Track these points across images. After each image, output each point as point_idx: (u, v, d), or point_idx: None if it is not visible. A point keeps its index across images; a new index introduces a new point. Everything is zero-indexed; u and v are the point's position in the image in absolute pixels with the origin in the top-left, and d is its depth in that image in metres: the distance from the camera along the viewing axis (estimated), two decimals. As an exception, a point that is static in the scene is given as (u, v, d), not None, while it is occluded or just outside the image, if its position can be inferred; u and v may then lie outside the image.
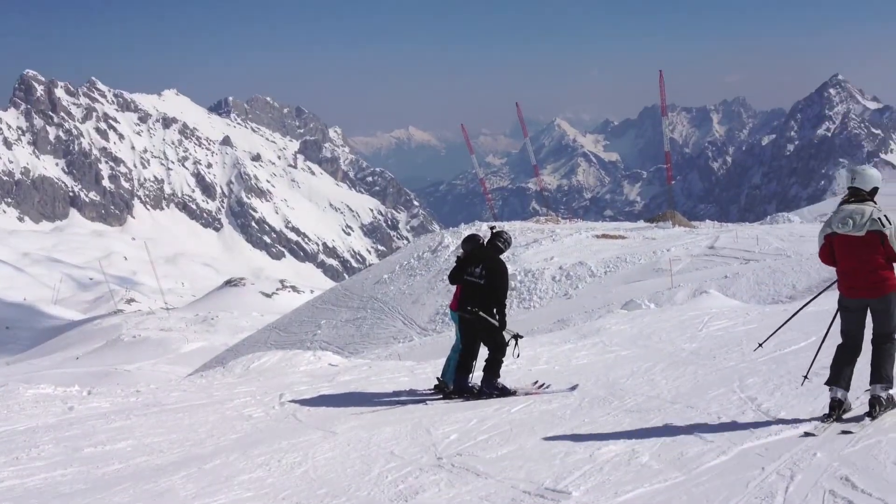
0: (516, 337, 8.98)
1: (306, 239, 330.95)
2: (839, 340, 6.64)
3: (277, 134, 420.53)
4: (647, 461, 5.67)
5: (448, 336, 23.28)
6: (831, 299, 6.82)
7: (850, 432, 5.97)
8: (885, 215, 6.30)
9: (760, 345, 8.76)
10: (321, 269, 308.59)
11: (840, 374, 6.44)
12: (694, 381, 8.63)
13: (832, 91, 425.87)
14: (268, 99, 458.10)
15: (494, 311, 8.76)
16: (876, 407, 6.26)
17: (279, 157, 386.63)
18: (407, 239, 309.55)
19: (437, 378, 9.27)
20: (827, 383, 6.50)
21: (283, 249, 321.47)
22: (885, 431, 5.80)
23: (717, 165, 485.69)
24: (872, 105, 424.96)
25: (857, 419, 6.30)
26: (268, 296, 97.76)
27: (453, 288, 9.26)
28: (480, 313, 8.67)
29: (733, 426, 6.43)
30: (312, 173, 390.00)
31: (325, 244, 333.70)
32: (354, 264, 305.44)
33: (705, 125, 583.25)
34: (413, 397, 9.12)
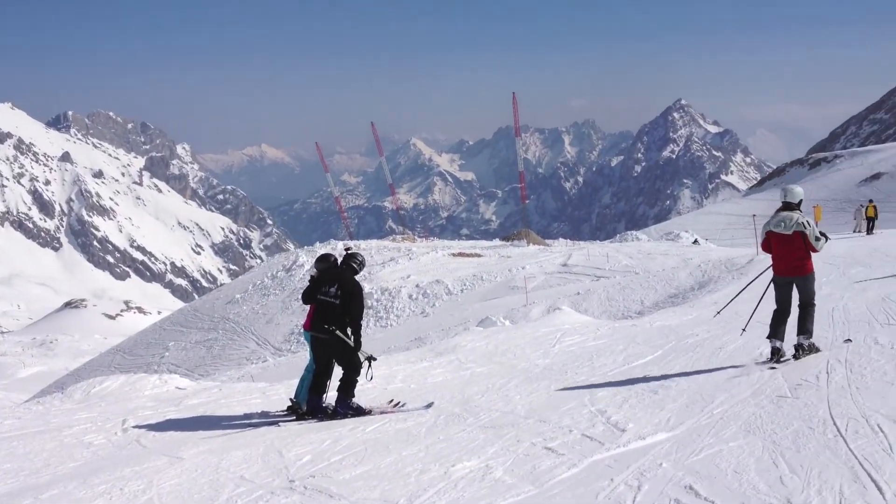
0: (370, 359, 8.87)
1: (153, 258, 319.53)
2: (774, 307, 9.29)
3: (121, 150, 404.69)
4: (501, 476, 5.70)
5: (303, 356, 22.88)
6: (675, 317, 7.12)
7: (774, 368, 8.57)
8: (807, 220, 8.95)
9: (719, 312, 12.48)
10: (169, 290, 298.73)
11: (777, 330, 9.11)
12: (547, 396, 8.79)
13: (676, 115, 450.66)
14: (110, 114, 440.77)
15: (349, 331, 8.65)
16: (799, 351, 9.00)
17: (123, 174, 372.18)
18: (260, 258, 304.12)
19: (291, 399, 9.07)
20: (768, 337, 9.16)
21: (127, 269, 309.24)
22: (726, 441, 6.06)
23: (570, 185, 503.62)
24: (713, 129, 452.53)
25: (786, 361, 8.87)
26: (111, 317, 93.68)
27: (307, 307, 9.08)
28: (337, 332, 8.53)
29: (584, 439, 6.56)
30: (159, 191, 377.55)
31: (173, 263, 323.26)
32: (205, 284, 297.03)
33: (557, 146, 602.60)
34: (265, 419, 8.86)
